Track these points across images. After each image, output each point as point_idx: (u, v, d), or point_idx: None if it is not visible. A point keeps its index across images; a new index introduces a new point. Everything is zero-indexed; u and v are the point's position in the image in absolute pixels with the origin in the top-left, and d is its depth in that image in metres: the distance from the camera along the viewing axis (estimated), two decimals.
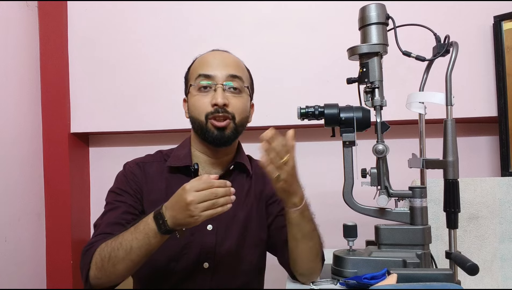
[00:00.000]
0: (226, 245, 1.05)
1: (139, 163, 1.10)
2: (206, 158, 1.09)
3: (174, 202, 0.86)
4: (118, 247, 0.89)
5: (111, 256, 0.90)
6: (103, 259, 0.91)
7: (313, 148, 1.73)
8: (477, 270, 0.87)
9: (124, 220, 1.00)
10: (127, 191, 1.05)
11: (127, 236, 0.90)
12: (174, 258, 1.02)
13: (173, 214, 0.86)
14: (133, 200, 1.04)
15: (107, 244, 0.92)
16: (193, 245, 1.03)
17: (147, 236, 0.88)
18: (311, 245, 0.99)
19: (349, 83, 1.08)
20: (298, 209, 0.95)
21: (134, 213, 1.03)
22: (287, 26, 1.66)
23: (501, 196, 1.30)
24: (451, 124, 0.96)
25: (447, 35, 1.04)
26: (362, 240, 1.15)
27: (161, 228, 0.87)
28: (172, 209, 0.86)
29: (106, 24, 1.74)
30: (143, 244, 0.88)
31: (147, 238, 0.88)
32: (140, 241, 0.88)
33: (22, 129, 1.63)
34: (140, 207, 1.04)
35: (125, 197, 1.04)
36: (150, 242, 0.88)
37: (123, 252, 0.89)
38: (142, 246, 0.88)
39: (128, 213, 1.01)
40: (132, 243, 0.88)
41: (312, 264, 1.01)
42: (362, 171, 1.05)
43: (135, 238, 0.89)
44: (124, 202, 1.03)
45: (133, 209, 1.03)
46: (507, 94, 1.49)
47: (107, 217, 1.01)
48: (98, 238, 0.96)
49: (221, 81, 1.03)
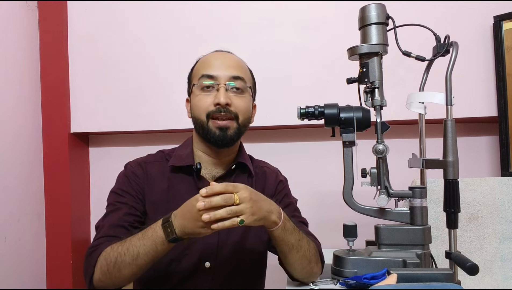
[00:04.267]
0: (227, 245, 1.05)
1: (140, 163, 1.10)
2: (208, 158, 1.09)
3: (186, 211, 0.85)
4: (125, 252, 0.89)
5: (117, 261, 0.90)
6: (109, 264, 0.91)
7: (313, 148, 1.73)
8: (477, 270, 0.87)
9: (126, 222, 1.00)
10: (129, 192, 1.04)
11: (135, 242, 0.90)
12: (175, 258, 1.02)
13: (183, 223, 0.85)
14: (135, 201, 1.04)
15: (112, 249, 0.92)
16: (195, 245, 1.03)
17: (155, 243, 0.88)
18: (301, 255, 0.97)
19: (349, 83, 1.08)
20: (279, 225, 0.92)
21: (136, 214, 1.03)
22: (287, 26, 1.66)
23: (501, 196, 1.30)
24: (451, 124, 0.96)
25: (447, 35, 1.04)
26: (362, 240, 1.15)
27: (169, 237, 0.86)
28: (182, 217, 0.85)
29: (106, 24, 1.75)
30: (150, 251, 0.88)
31: (154, 245, 0.88)
32: (147, 248, 0.88)
33: (22, 129, 1.63)
34: (141, 207, 1.04)
35: (126, 198, 1.03)
36: (157, 249, 0.88)
37: (129, 257, 0.89)
38: (149, 253, 0.88)
39: (130, 215, 1.01)
40: (139, 249, 0.88)
41: (306, 270, 1.00)
42: (362, 171, 1.05)
43: (142, 245, 0.88)
44: (126, 203, 1.03)
45: (135, 211, 1.03)
46: (507, 94, 1.49)
47: (109, 219, 1.01)
48: (102, 241, 0.96)
49: (223, 81, 1.03)
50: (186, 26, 1.70)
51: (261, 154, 1.26)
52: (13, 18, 1.60)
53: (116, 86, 1.74)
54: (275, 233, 0.93)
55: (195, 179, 1.07)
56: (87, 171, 1.85)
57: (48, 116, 1.72)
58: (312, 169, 1.72)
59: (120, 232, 0.96)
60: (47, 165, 1.72)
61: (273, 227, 0.91)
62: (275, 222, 0.91)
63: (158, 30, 1.72)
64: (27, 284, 1.62)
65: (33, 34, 1.70)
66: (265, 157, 1.25)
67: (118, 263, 0.90)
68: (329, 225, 1.20)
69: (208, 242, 1.03)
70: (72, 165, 1.73)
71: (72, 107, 1.75)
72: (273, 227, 0.91)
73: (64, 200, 1.70)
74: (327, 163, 1.69)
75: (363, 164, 1.05)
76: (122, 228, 0.98)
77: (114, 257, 0.90)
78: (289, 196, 1.19)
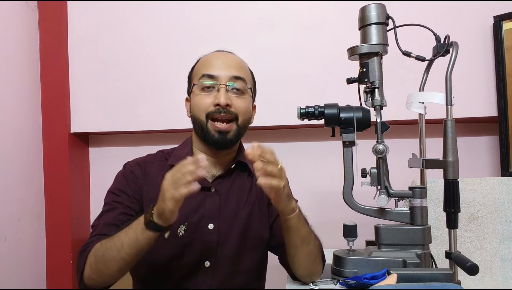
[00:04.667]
0: (227, 244, 1.05)
1: (140, 163, 1.10)
2: (207, 157, 1.08)
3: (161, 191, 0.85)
4: (112, 245, 0.89)
5: (104, 255, 0.90)
6: (97, 259, 0.91)
7: (313, 148, 1.73)
8: (477, 270, 0.88)
9: (120, 221, 0.99)
10: (125, 192, 1.04)
11: (121, 234, 0.90)
12: (175, 257, 1.02)
13: (157, 205, 0.85)
14: (131, 200, 1.04)
15: (101, 244, 0.92)
16: (195, 244, 1.03)
17: (136, 232, 0.87)
18: (310, 249, 0.99)
19: (349, 83, 1.08)
20: (296, 213, 0.94)
21: (131, 213, 1.02)
22: (287, 26, 1.66)
23: (501, 196, 1.30)
24: (451, 124, 0.96)
25: (447, 35, 1.04)
26: (362, 240, 1.15)
27: (146, 221, 0.86)
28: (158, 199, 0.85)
29: (106, 24, 1.74)
30: (132, 241, 0.87)
31: (135, 234, 0.87)
32: (130, 238, 0.88)
33: (22, 129, 1.63)
34: (137, 208, 1.04)
35: (122, 198, 1.03)
36: (137, 239, 0.87)
37: (115, 250, 0.89)
38: (131, 244, 0.88)
39: (124, 214, 1.01)
40: (123, 240, 0.88)
41: (312, 267, 1.02)
42: (362, 171, 1.05)
43: (126, 235, 0.89)
44: (121, 203, 1.03)
45: (130, 210, 1.02)
46: (507, 94, 1.49)
47: (104, 218, 1.01)
48: (94, 239, 0.96)
49: (224, 82, 1.02)
50: (186, 26, 1.70)
51: None
52: (13, 18, 1.60)
53: (116, 86, 1.74)
54: (292, 221, 0.94)
55: None
56: (87, 171, 1.85)
57: (48, 116, 1.72)
58: (312, 169, 1.71)
59: (114, 231, 0.96)
60: (47, 165, 1.72)
61: (291, 214, 0.93)
62: (293, 209, 0.93)
63: (158, 30, 1.72)
64: (27, 284, 1.62)
65: (33, 34, 1.70)
66: None
67: (105, 257, 0.90)
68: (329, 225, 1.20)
69: (208, 241, 1.03)
70: (72, 165, 1.73)
71: (72, 107, 1.74)
72: (291, 214, 0.93)
73: (64, 200, 1.70)
74: (327, 163, 1.69)
75: (363, 164, 1.05)
76: (116, 227, 0.98)
77: (102, 252, 0.90)
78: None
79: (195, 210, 1.04)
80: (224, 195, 1.07)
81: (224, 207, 1.06)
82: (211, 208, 1.05)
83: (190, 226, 1.03)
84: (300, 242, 0.97)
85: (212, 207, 1.05)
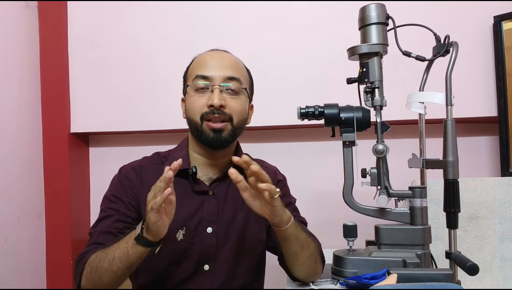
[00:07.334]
0: (226, 247, 1.05)
1: (135, 168, 1.08)
2: (203, 159, 1.08)
3: None
4: (104, 258, 0.89)
5: (98, 267, 0.90)
6: (92, 270, 0.91)
7: (313, 148, 1.73)
8: (477, 270, 0.87)
9: (115, 229, 0.99)
10: (121, 199, 1.03)
11: (113, 247, 0.90)
12: (174, 263, 1.02)
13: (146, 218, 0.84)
14: (127, 207, 1.03)
15: (96, 255, 0.92)
16: (194, 248, 1.02)
17: (126, 246, 0.87)
18: (309, 253, 0.98)
19: (349, 83, 1.08)
20: (292, 220, 0.92)
21: (127, 221, 1.01)
22: (287, 26, 1.66)
23: (501, 196, 1.30)
24: (451, 124, 0.96)
25: (447, 35, 1.04)
26: (362, 240, 1.15)
27: (136, 235, 0.85)
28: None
29: (106, 24, 1.74)
30: (123, 254, 0.87)
31: (126, 248, 0.87)
32: (121, 252, 0.87)
33: (22, 129, 1.63)
34: (133, 214, 1.03)
35: (118, 205, 1.02)
36: (128, 253, 0.86)
37: (107, 263, 0.88)
38: (122, 257, 0.87)
39: (120, 221, 1.01)
40: (114, 253, 0.88)
41: (313, 269, 1.01)
42: (362, 171, 1.05)
43: (118, 248, 0.88)
44: (117, 210, 1.02)
45: (125, 217, 1.02)
46: (507, 94, 1.49)
47: (100, 226, 1.01)
48: (91, 248, 0.96)
49: (218, 82, 1.01)
50: (186, 27, 1.70)
51: (261, 154, 1.26)
52: (13, 18, 1.60)
53: (116, 86, 1.74)
54: (289, 230, 0.92)
55: (191, 182, 1.05)
56: (87, 171, 1.85)
57: (48, 116, 1.72)
58: (312, 169, 1.71)
59: (109, 239, 0.96)
60: (47, 165, 1.72)
61: (288, 222, 0.91)
62: (289, 217, 0.92)
63: (158, 30, 1.72)
64: (27, 284, 1.62)
65: (33, 34, 1.70)
66: (265, 157, 1.25)
67: (98, 269, 0.89)
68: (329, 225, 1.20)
69: (207, 245, 1.03)
70: (72, 165, 1.73)
71: (72, 107, 1.74)
72: (288, 222, 0.91)
73: (64, 200, 1.70)
74: (327, 163, 1.69)
75: (363, 164, 1.05)
76: (111, 235, 0.97)
77: (96, 264, 0.90)
78: (289, 196, 1.19)
79: (194, 214, 1.03)
80: (222, 198, 1.07)
81: (222, 210, 1.06)
82: (209, 211, 1.04)
83: (189, 230, 1.02)
84: (300, 248, 0.96)
85: (210, 211, 1.04)
